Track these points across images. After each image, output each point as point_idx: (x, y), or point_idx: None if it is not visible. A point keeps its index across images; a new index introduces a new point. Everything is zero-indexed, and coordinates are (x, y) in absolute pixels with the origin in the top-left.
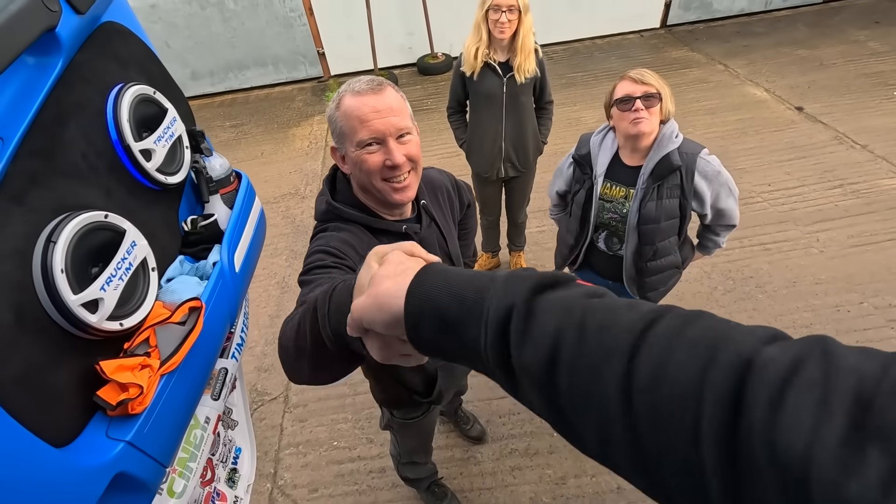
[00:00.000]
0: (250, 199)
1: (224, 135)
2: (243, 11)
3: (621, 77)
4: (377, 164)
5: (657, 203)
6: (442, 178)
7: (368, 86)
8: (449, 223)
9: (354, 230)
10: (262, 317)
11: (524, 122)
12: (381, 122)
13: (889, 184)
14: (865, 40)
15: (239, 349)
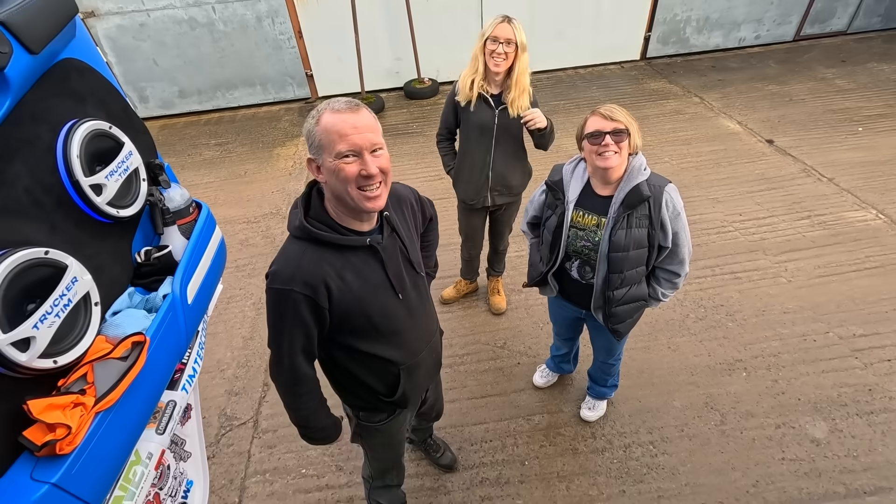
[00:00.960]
0: (209, 229)
1: (208, 153)
2: (233, 33)
3: (592, 112)
4: (353, 174)
5: (627, 232)
6: (406, 193)
7: (347, 105)
8: (412, 234)
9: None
10: (236, 338)
11: (513, 153)
12: (358, 137)
13: (853, 216)
14: (833, 78)
15: (191, 380)
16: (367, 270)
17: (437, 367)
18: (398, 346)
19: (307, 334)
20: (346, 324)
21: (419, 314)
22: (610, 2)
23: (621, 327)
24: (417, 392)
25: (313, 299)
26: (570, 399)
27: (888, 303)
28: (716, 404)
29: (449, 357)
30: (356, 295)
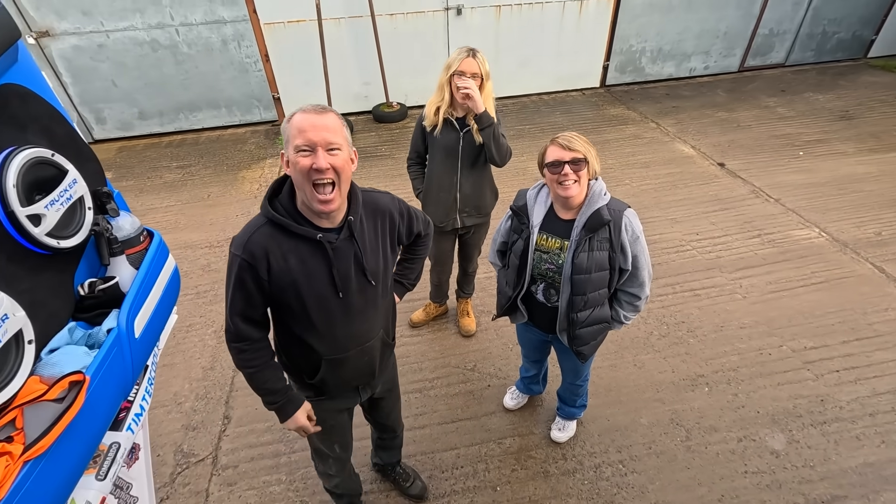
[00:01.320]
0: (161, 258)
1: (169, 175)
2: (197, 55)
3: (551, 141)
4: (306, 166)
5: (589, 255)
6: (389, 205)
7: (314, 108)
8: (379, 243)
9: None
10: (195, 369)
11: (479, 175)
12: (314, 134)
13: (799, 234)
14: (774, 106)
15: (138, 419)
16: (313, 262)
17: (370, 371)
18: (325, 339)
19: (247, 298)
20: (282, 301)
21: (357, 318)
22: (570, 33)
23: (585, 349)
24: (341, 386)
25: (255, 268)
26: (541, 420)
27: (834, 316)
28: (681, 420)
29: (419, 381)
30: (294, 278)
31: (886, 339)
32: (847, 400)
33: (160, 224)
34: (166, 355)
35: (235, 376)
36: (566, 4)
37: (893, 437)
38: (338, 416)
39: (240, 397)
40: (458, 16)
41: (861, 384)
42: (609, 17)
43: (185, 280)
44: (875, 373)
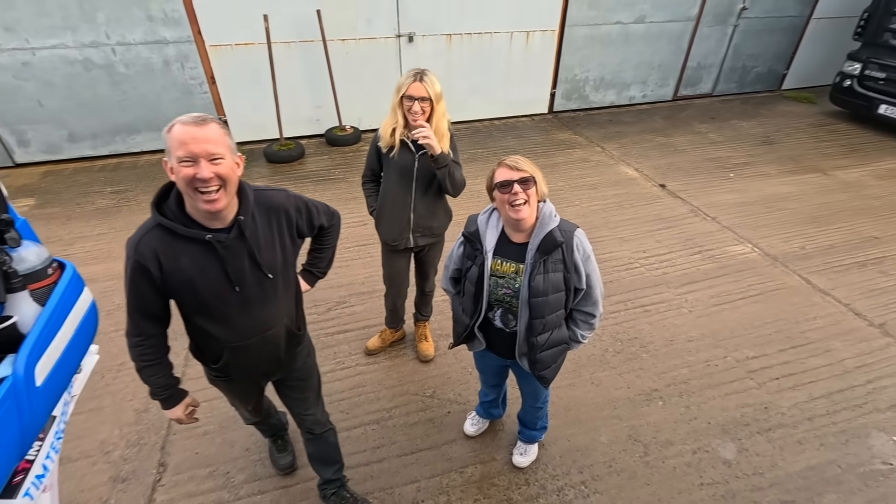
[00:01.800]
0: (74, 293)
1: (102, 201)
2: (136, 76)
3: (498, 164)
4: (189, 176)
5: (544, 276)
6: (284, 202)
7: (194, 120)
8: (275, 239)
9: (162, 235)
10: (127, 412)
11: (433, 196)
12: (195, 146)
13: (735, 250)
14: (706, 132)
15: (40, 481)
16: (205, 261)
17: (274, 359)
18: (224, 328)
19: (142, 296)
20: (179, 297)
21: (255, 308)
22: (518, 62)
23: (547, 373)
24: (244, 372)
25: (147, 268)
26: (502, 445)
27: (770, 326)
28: (638, 436)
29: (376, 412)
30: (187, 277)
31: (817, 345)
32: (788, 406)
33: (90, 253)
34: (92, 398)
35: None
36: (514, 35)
37: (830, 439)
38: (247, 391)
39: (178, 441)
40: (409, 43)
41: (799, 390)
42: (554, 48)
43: (119, 314)
44: (810, 378)
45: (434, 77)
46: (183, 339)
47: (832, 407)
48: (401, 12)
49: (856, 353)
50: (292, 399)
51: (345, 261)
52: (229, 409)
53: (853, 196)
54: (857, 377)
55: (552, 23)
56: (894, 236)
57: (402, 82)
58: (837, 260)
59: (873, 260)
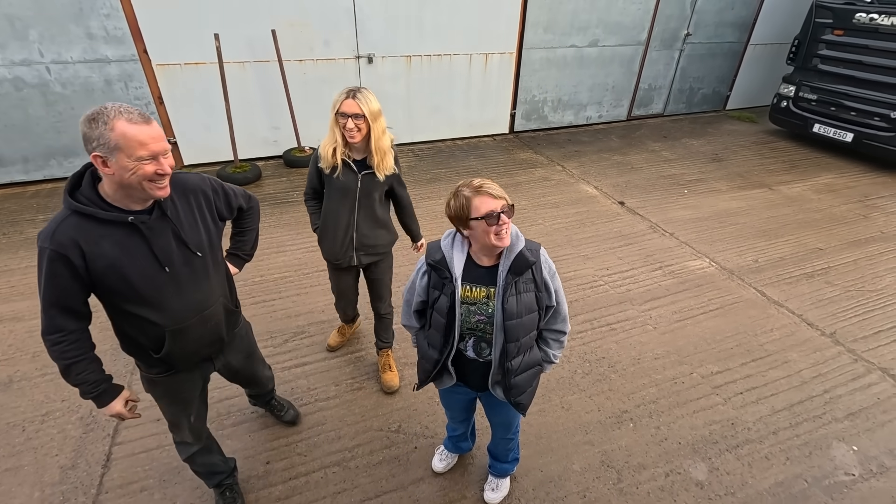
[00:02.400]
0: None
1: (33, 230)
2: (74, 96)
3: (476, 192)
4: (150, 172)
5: (517, 297)
6: (200, 183)
7: (141, 118)
8: (196, 218)
9: (80, 221)
10: (51, 470)
11: (375, 216)
12: (156, 146)
13: (694, 265)
14: (659, 150)
15: None
16: (130, 242)
17: (216, 339)
18: (161, 311)
19: (63, 289)
20: (105, 285)
21: (188, 288)
22: (478, 83)
23: (523, 398)
24: (188, 355)
25: (67, 257)
26: (472, 481)
27: (731, 340)
28: (611, 461)
29: (337, 452)
30: (111, 262)
31: (775, 357)
32: (753, 420)
33: (15, 288)
34: (8, 457)
35: (106, 473)
36: (472, 57)
37: (795, 452)
38: (189, 386)
39: (110, 500)
40: (369, 64)
41: (762, 403)
42: (512, 70)
43: (46, 356)
44: (771, 391)
45: (371, 95)
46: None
47: (794, 419)
48: (359, 34)
49: (811, 364)
50: (243, 377)
51: (303, 287)
52: (170, 459)
53: (797, 210)
54: (815, 387)
55: (510, 46)
56: (836, 247)
57: (336, 99)
58: (787, 272)
59: (819, 271)
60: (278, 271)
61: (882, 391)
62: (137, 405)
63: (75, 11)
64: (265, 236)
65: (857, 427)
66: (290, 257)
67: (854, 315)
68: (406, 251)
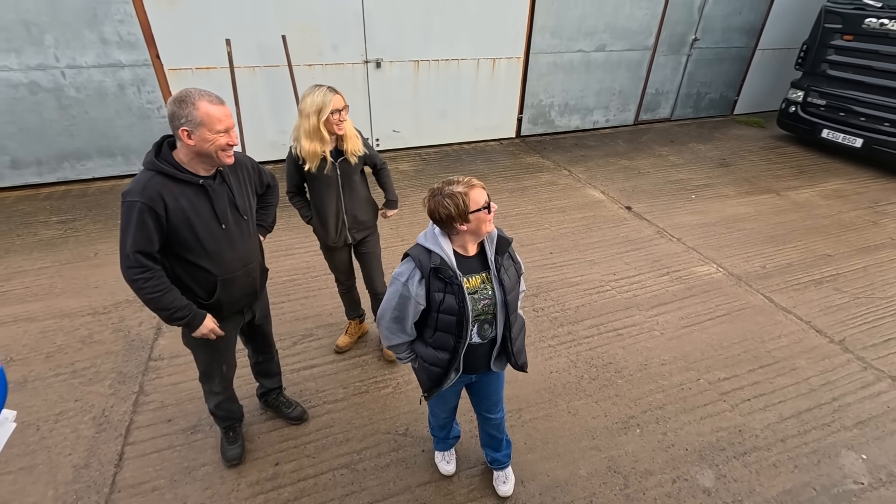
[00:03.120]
0: None
1: (47, 232)
2: (87, 100)
3: (470, 188)
4: (225, 142)
5: (507, 273)
6: (244, 160)
7: (218, 100)
8: (243, 187)
9: (163, 180)
10: (64, 469)
11: (357, 195)
12: (229, 122)
13: (701, 270)
14: (667, 155)
15: None
16: (198, 201)
17: (252, 291)
18: (216, 262)
19: (148, 236)
20: (178, 235)
21: (238, 244)
22: (485, 88)
23: (523, 357)
24: (232, 304)
25: (153, 209)
26: (478, 485)
27: (738, 346)
28: (618, 467)
29: (345, 455)
30: (186, 214)
31: (783, 364)
32: (760, 428)
33: (29, 290)
34: (23, 455)
35: (118, 472)
36: (480, 62)
37: (803, 460)
38: (227, 337)
39: (122, 499)
40: (377, 68)
41: (770, 410)
42: (519, 74)
43: (59, 356)
44: (779, 398)
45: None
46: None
47: (802, 427)
48: (368, 39)
49: (820, 371)
50: (260, 335)
51: (311, 291)
52: (181, 460)
53: (805, 216)
54: (823, 395)
55: (517, 51)
56: (845, 254)
57: (324, 101)
58: (796, 278)
59: (828, 277)
60: (286, 274)
61: (892, 399)
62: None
63: (90, 17)
64: (273, 239)
65: (866, 436)
66: (298, 260)
67: (864, 322)
68: None
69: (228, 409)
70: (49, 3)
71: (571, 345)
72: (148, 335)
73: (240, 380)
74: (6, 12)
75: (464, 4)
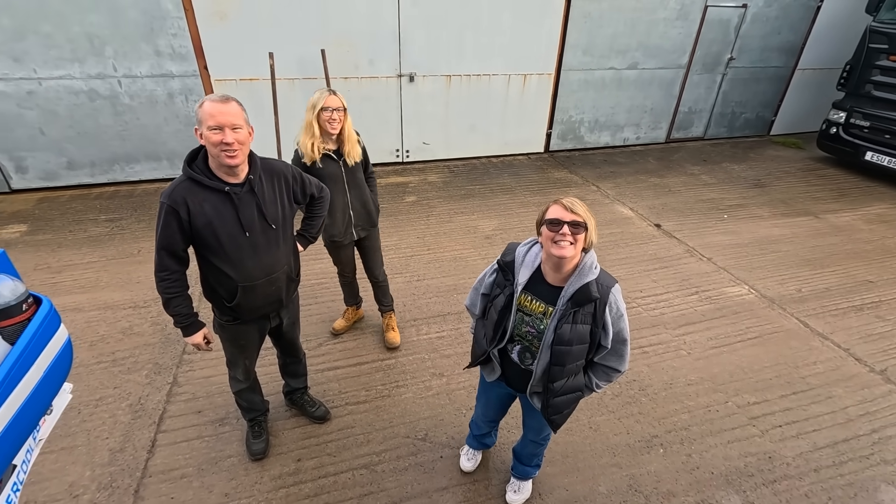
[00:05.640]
0: (49, 331)
1: (96, 229)
2: (139, 107)
3: (554, 201)
4: (217, 140)
5: (572, 326)
6: (284, 169)
7: (220, 98)
8: (276, 197)
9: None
10: (101, 452)
11: (363, 193)
12: (222, 118)
13: (732, 291)
14: (699, 173)
15: None
16: (223, 208)
17: (276, 300)
18: (238, 268)
19: (170, 236)
20: (201, 237)
21: (263, 253)
22: (515, 103)
23: (558, 418)
24: (253, 310)
25: (176, 211)
26: (495, 494)
27: (770, 370)
28: (639, 486)
29: (365, 456)
30: (208, 220)
31: (818, 391)
32: (792, 456)
33: (77, 282)
34: (65, 437)
35: (150, 458)
36: (511, 78)
37: (838, 492)
38: (249, 336)
39: (153, 484)
40: (410, 82)
41: (802, 439)
42: (550, 90)
43: (102, 345)
44: (813, 426)
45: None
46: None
47: (838, 458)
48: (403, 53)
49: (858, 401)
50: (287, 340)
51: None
52: (209, 450)
53: (845, 240)
54: (862, 426)
55: (548, 67)
56: (889, 280)
57: (318, 99)
58: (834, 303)
59: (869, 304)
60: (315, 277)
61: None
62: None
63: (147, 31)
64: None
65: None
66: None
67: None
68: (419, 258)
69: (250, 400)
70: (111, 18)
71: None
72: None
73: (267, 377)
74: (73, 25)
75: (497, 22)
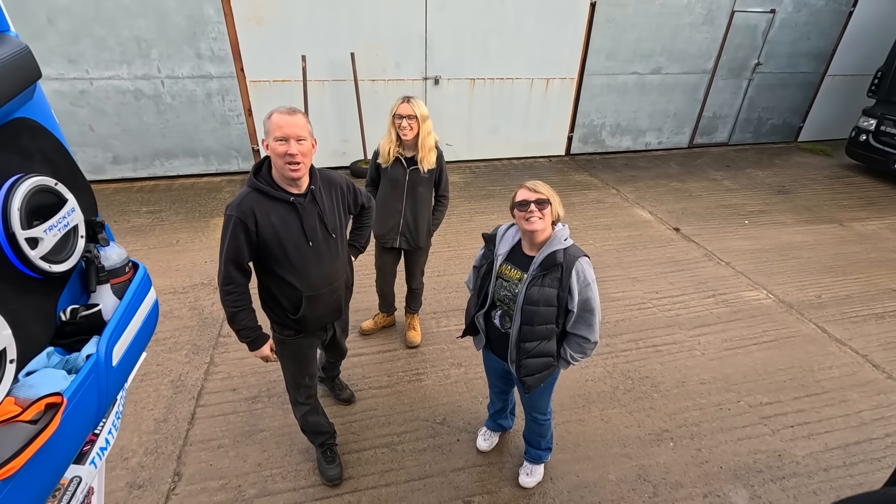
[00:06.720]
0: (144, 290)
1: (138, 220)
2: (180, 106)
3: (519, 186)
4: (282, 151)
5: (539, 289)
6: (340, 180)
7: (287, 110)
8: (335, 206)
9: (258, 197)
10: (147, 421)
11: (420, 208)
12: (289, 129)
13: (749, 295)
14: (721, 179)
15: (102, 453)
16: (289, 218)
17: (337, 309)
18: (302, 278)
19: (238, 248)
20: (268, 248)
21: (325, 262)
22: (537, 106)
23: (530, 380)
24: (317, 320)
25: (245, 223)
26: (508, 476)
27: (784, 373)
28: (648, 476)
29: (386, 436)
30: (275, 229)
31: (832, 395)
32: (802, 455)
33: None
34: None
35: (190, 429)
36: (534, 81)
37: (847, 491)
38: (310, 350)
39: (193, 452)
40: (435, 85)
41: (814, 439)
42: (572, 94)
43: None
44: (825, 428)
45: (421, 102)
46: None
47: (849, 459)
48: (428, 57)
49: (873, 406)
50: (337, 347)
51: (362, 286)
52: (243, 424)
53: (870, 248)
54: (875, 430)
55: (571, 71)
56: None
57: (393, 105)
58: (854, 311)
59: (891, 312)
60: None
61: None
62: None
63: (190, 35)
64: None
65: None
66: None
67: None
68: (440, 255)
69: (315, 423)
70: (158, 23)
71: (609, 356)
72: (219, 314)
73: None
74: (123, 30)
75: (521, 27)
